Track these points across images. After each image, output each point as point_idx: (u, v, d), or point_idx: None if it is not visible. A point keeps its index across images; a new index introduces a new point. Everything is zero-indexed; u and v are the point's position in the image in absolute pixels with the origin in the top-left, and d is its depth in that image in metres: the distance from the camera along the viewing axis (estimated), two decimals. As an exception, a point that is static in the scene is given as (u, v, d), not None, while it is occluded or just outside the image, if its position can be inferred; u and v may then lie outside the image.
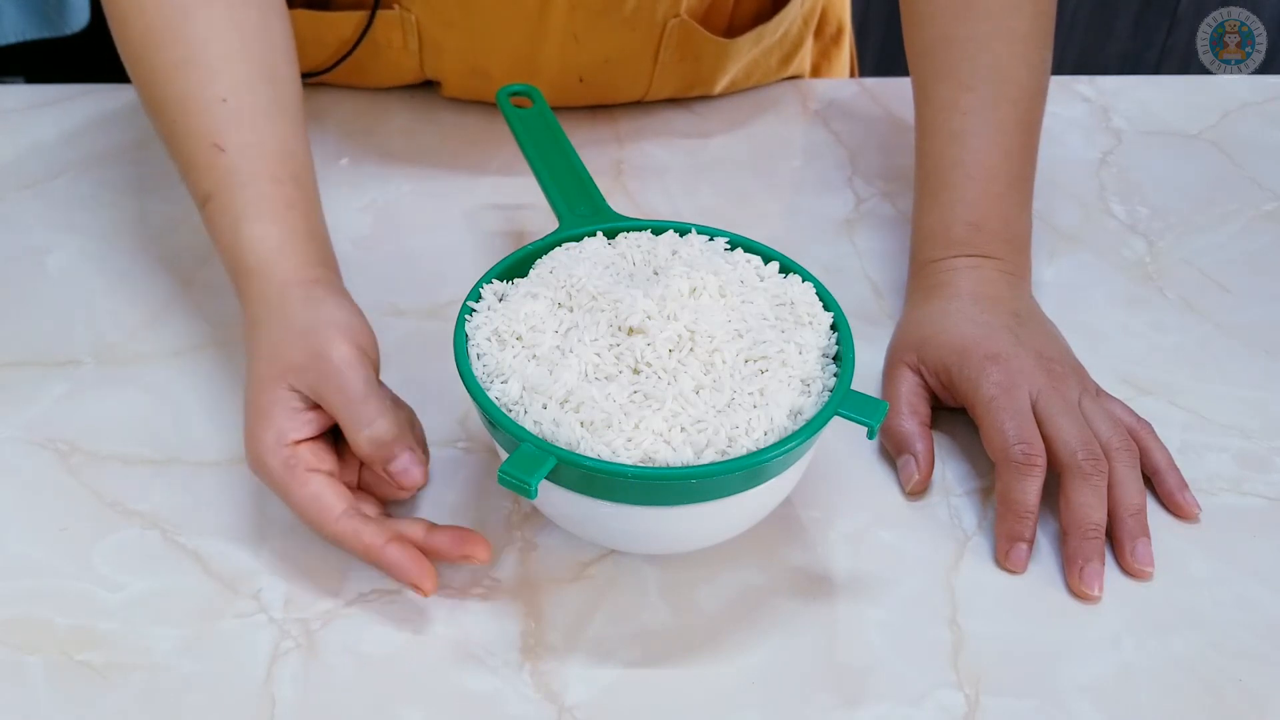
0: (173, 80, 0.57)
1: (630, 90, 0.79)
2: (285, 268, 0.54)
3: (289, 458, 0.50)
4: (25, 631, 0.49)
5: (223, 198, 0.55)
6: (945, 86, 0.64)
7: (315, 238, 0.56)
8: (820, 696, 0.48)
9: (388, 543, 0.49)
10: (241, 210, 0.55)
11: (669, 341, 0.48)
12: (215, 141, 0.55)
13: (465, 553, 0.50)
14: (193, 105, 0.56)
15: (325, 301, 0.53)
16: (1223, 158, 0.80)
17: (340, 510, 0.49)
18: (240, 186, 0.55)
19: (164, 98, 0.57)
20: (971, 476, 0.57)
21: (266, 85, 0.58)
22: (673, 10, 0.75)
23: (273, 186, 0.55)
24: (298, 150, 0.58)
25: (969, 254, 0.61)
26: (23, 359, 0.61)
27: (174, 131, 0.57)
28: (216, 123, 0.56)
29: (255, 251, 0.54)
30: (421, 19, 0.74)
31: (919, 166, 0.65)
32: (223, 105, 0.56)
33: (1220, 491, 0.57)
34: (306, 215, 0.56)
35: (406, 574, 0.49)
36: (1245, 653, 0.50)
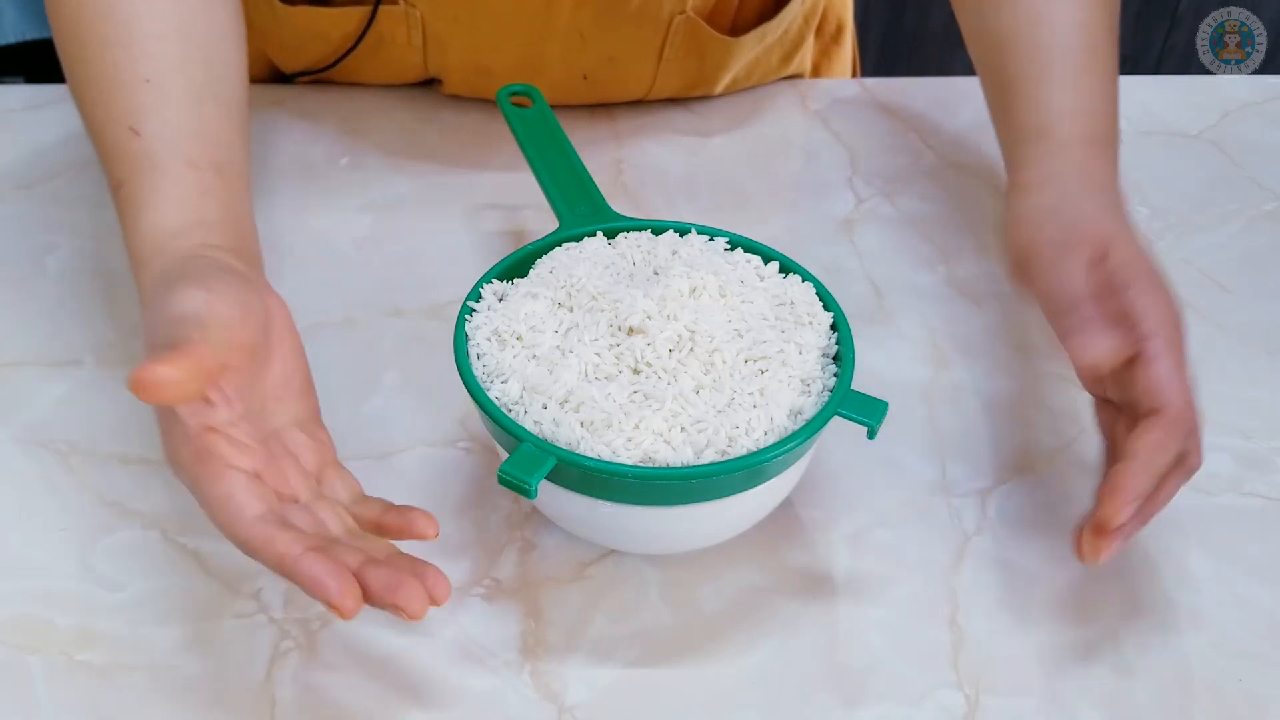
0: (100, 58, 0.52)
1: (633, 88, 0.79)
2: (181, 247, 0.48)
3: (203, 446, 0.43)
4: (25, 631, 0.49)
5: (131, 186, 0.50)
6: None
7: (230, 226, 0.51)
8: (820, 696, 0.48)
9: (304, 552, 0.41)
10: (145, 199, 0.50)
11: (669, 341, 0.48)
12: (131, 125, 0.51)
13: (397, 602, 0.41)
14: (114, 86, 0.52)
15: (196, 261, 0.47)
16: (1223, 158, 0.80)
17: (255, 513, 0.42)
18: (150, 171, 0.50)
19: (86, 77, 0.53)
20: (972, 476, 0.57)
21: (200, 67, 0.53)
22: (679, 7, 0.75)
23: (186, 171, 0.50)
24: (227, 138, 0.53)
25: (1105, 151, 0.59)
26: (22, 359, 0.61)
27: (93, 115, 0.53)
28: (136, 104, 0.51)
29: (151, 239, 0.49)
30: (426, 15, 0.74)
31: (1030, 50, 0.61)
32: (145, 86, 0.51)
33: (1220, 491, 0.57)
34: (224, 204, 0.51)
35: (321, 589, 0.40)
36: (1245, 653, 0.50)
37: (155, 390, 0.39)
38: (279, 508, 0.43)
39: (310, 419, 0.48)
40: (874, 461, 0.58)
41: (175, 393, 0.40)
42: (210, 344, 0.42)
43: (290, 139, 0.77)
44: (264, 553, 0.42)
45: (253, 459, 0.44)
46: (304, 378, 0.49)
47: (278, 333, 0.47)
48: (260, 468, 0.44)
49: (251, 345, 0.45)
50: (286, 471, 0.45)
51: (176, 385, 0.40)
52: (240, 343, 0.44)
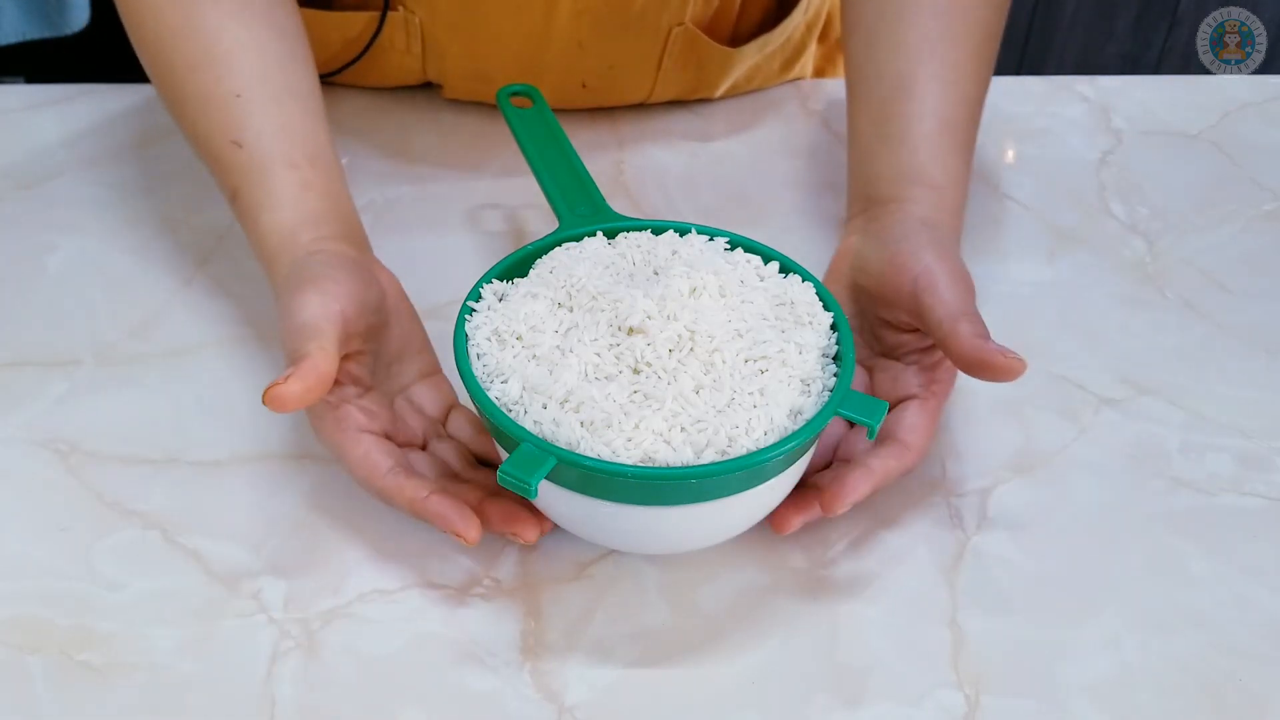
0: (189, 80, 0.58)
1: (632, 96, 0.79)
2: (300, 244, 0.55)
3: (340, 419, 0.51)
4: (25, 631, 0.49)
5: (245, 194, 0.57)
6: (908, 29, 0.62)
7: (334, 214, 0.57)
8: (820, 696, 0.48)
9: (430, 495, 0.49)
10: (260, 202, 0.56)
11: (669, 341, 0.48)
12: (234, 138, 0.57)
13: (513, 529, 0.50)
14: (210, 104, 0.58)
15: (314, 259, 0.54)
16: (1223, 158, 0.80)
17: (387, 467, 0.50)
18: (258, 180, 0.56)
19: (183, 98, 0.59)
20: (972, 476, 0.57)
21: (278, 73, 0.59)
22: (677, 18, 0.75)
23: (288, 172, 0.56)
24: (312, 130, 0.59)
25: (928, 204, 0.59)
26: (23, 359, 0.61)
27: (197, 131, 0.59)
28: (233, 119, 0.57)
29: (273, 239, 0.55)
30: (425, 22, 0.74)
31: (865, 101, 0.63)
32: (237, 101, 0.57)
33: (1220, 491, 0.57)
34: (324, 194, 0.57)
35: (448, 523, 0.49)
36: (1245, 653, 0.50)
37: (284, 404, 0.47)
38: (406, 459, 0.51)
39: (431, 370, 0.56)
40: (874, 461, 0.58)
41: (300, 403, 0.48)
42: (326, 351, 0.49)
43: (290, 139, 0.77)
44: (397, 499, 0.50)
45: (381, 422, 0.52)
46: (420, 337, 0.56)
47: (392, 303, 0.55)
48: (388, 428, 0.52)
49: (368, 328, 0.53)
50: (412, 424, 0.54)
51: (298, 399, 0.48)
52: (358, 332, 0.52)
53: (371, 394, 0.53)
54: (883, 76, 0.62)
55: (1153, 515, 0.56)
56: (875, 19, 0.64)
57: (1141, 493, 0.57)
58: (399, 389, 0.55)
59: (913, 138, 0.60)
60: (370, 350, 0.53)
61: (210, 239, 0.69)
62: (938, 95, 0.61)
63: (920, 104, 0.61)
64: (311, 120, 0.59)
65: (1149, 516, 0.56)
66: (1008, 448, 0.59)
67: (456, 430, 0.55)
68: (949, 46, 0.62)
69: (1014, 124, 0.83)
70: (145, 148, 0.76)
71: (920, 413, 0.54)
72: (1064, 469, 0.58)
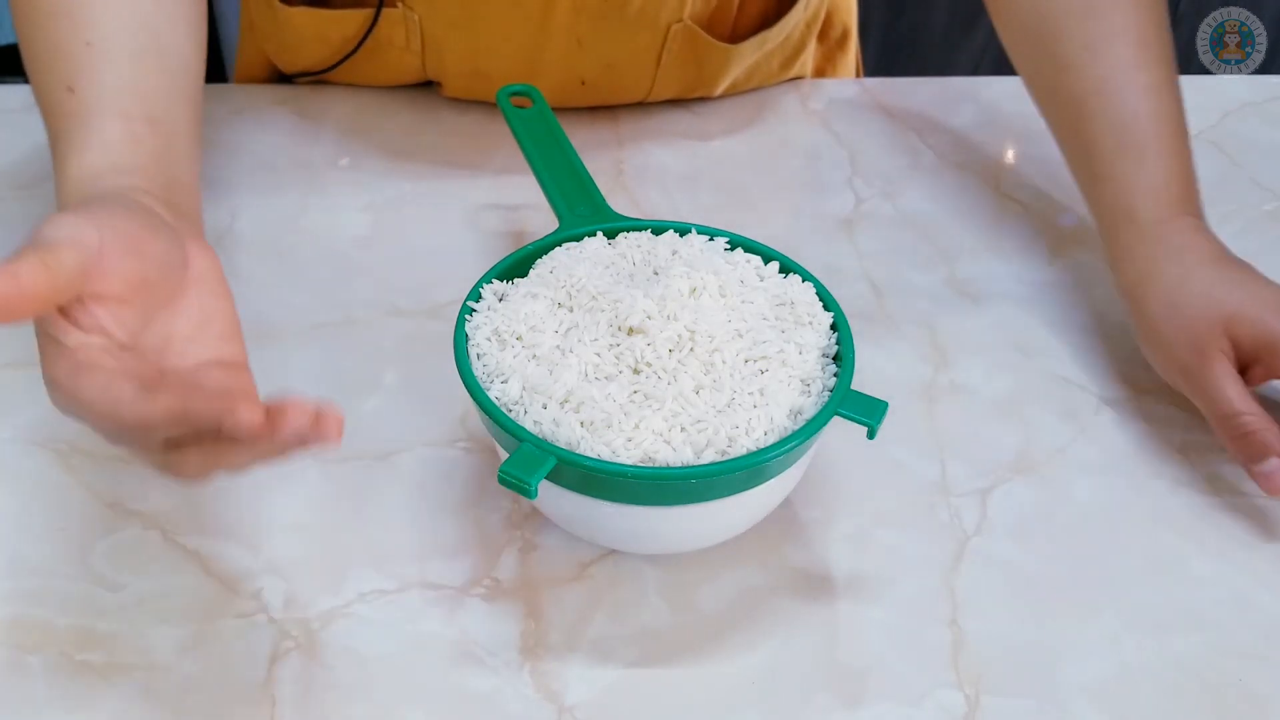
0: (45, 27, 0.52)
1: (632, 93, 0.79)
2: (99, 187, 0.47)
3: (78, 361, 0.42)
4: (25, 631, 0.49)
5: (63, 140, 0.49)
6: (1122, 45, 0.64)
7: (158, 174, 0.49)
8: (820, 696, 0.48)
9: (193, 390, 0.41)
10: (72, 146, 0.49)
11: (669, 341, 0.48)
12: (69, 84, 0.50)
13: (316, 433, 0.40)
14: (58, 52, 0.52)
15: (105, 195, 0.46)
16: (1223, 158, 0.80)
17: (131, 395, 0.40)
18: (80, 125, 0.49)
19: (35, 46, 0.53)
20: (971, 476, 0.57)
21: (145, 33, 0.53)
22: (676, 15, 0.75)
23: (119, 122, 0.49)
24: (166, 96, 0.52)
25: (1190, 214, 0.61)
26: (23, 359, 0.61)
27: (36, 80, 0.52)
28: (75, 66, 0.51)
29: (74, 181, 0.48)
30: (424, 19, 0.74)
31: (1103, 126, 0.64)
32: (86, 49, 0.51)
33: (1220, 492, 0.57)
34: (155, 156, 0.49)
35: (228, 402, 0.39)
36: (1245, 653, 0.50)
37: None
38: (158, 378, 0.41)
39: (234, 362, 0.46)
40: (874, 461, 0.58)
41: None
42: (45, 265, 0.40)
43: (290, 139, 0.77)
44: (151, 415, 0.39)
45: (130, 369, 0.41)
46: (228, 324, 0.47)
47: (196, 277, 0.46)
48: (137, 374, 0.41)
49: (143, 281, 0.43)
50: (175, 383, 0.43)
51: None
52: (121, 274, 0.42)
53: (129, 354, 0.43)
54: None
55: (1153, 515, 0.56)
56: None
57: (1141, 493, 0.57)
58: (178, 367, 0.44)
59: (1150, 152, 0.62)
60: (138, 306, 0.43)
61: (210, 238, 0.69)
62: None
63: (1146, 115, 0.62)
64: (168, 88, 0.52)
65: (1149, 516, 0.56)
66: (1008, 448, 0.59)
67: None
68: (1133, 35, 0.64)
69: (1014, 124, 0.83)
70: (145, 148, 0.76)
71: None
72: (1064, 469, 0.58)
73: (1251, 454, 0.54)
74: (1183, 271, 0.59)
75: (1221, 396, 0.55)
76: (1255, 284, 0.58)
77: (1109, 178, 0.63)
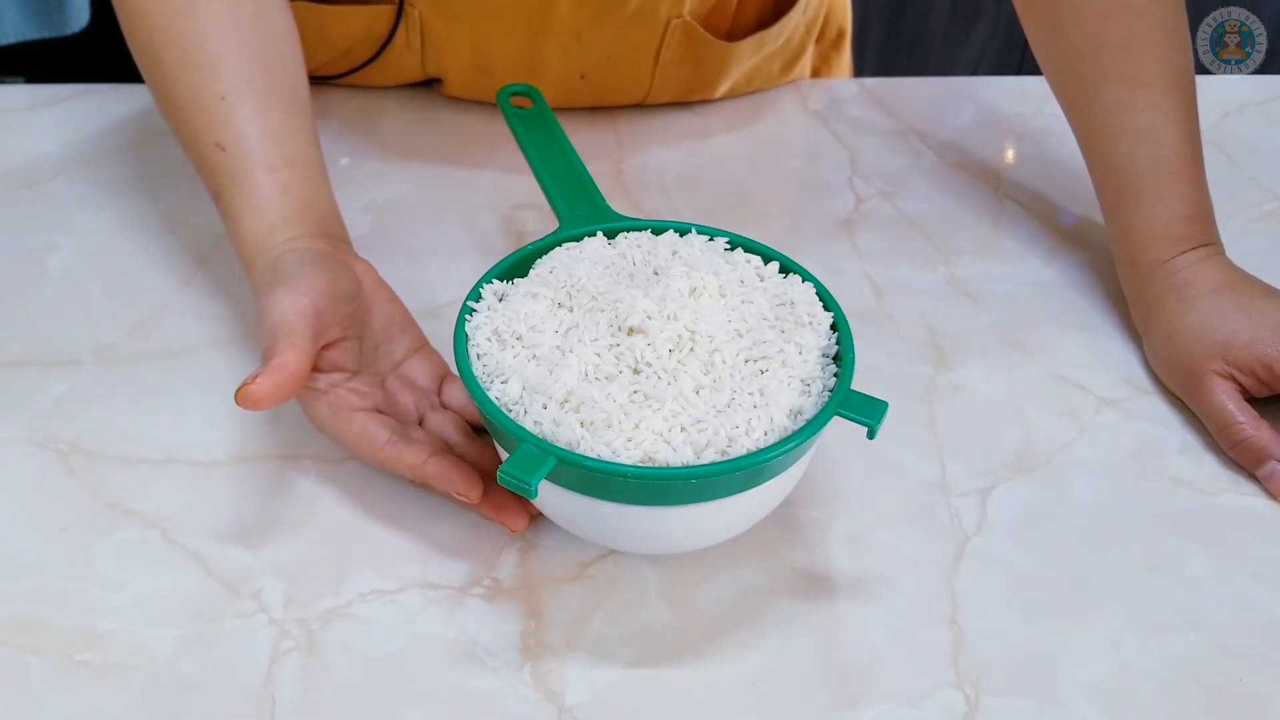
0: (177, 81, 0.59)
1: (631, 91, 0.79)
2: (274, 247, 0.56)
3: (333, 403, 0.52)
4: (25, 631, 0.49)
5: (226, 198, 0.58)
6: (1115, 87, 0.64)
7: (310, 213, 0.57)
8: (820, 696, 0.48)
9: (429, 458, 0.51)
10: (240, 207, 0.57)
11: (669, 341, 0.48)
12: (217, 141, 0.58)
13: (501, 518, 0.52)
14: (196, 106, 0.58)
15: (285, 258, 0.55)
16: (1223, 158, 0.80)
17: (385, 439, 0.52)
18: (238, 184, 0.57)
19: (172, 99, 0.60)
20: (972, 476, 0.57)
21: (264, 76, 0.59)
22: (675, 11, 0.75)
23: (267, 175, 0.57)
24: (294, 132, 0.59)
25: (1193, 246, 0.62)
26: (23, 359, 0.61)
27: (184, 133, 0.59)
28: (216, 121, 0.58)
29: (250, 244, 0.56)
30: (425, 14, 0.74)
31: (1103, 170, 0.66)
32: (221, 103, 0.58)
33: (1220, 491, 0.57)
34: (300, 195, 0.57)
35: (450, 483, 0.51)
36: (1245, 653, 0.50)
37: (256, 402, 0.48)
38: (403, 430, 0.53)
39: (420, 346, 0.58)
40: (874, 461, 0.58)
41: (272, 400, 0.48)
42: (297, 348, 0.50)
43: (290, 139, 0.77)
44: (398, 466, 0.52)
45: (374, 400, 0.54)
46: (404, 316, 0.58)
47: (369, 288, 0.56)
48: (381, 405, 0.54)
49: (347, 316, 0.54)
50: (405, 400, 0.55)
51: (269, 395, 0.48)
52: (334, 321, 0.53)
53: (360, 377, 0.54)
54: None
55: (1153, 515, 0.56)
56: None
57: (1141, 493, 0.57)
58: (390, 368, 0.56)
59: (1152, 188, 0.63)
60: (353, 336, 0.54)
61: (210, 239, 0.69)
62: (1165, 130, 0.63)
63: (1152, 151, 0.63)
64: (294, 122, 0.60)
65: (1149, 516, 0.56)
66: (1008, 448, 0.59)
67: (450, 398, 0.56)
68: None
69: (1014, 124, 0.83)
70: (145, 148, 0.76)
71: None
72: (1064, 469, 0.58)
73: (1250, 460, 0.57)
74: (1181, 306, 0.61)
75: (1215, 409, 0.58)
76: (1255, 309, 0.60)
77: (1112, 221, 0.66)
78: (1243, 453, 0.57)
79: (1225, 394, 0.58)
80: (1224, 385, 0.59)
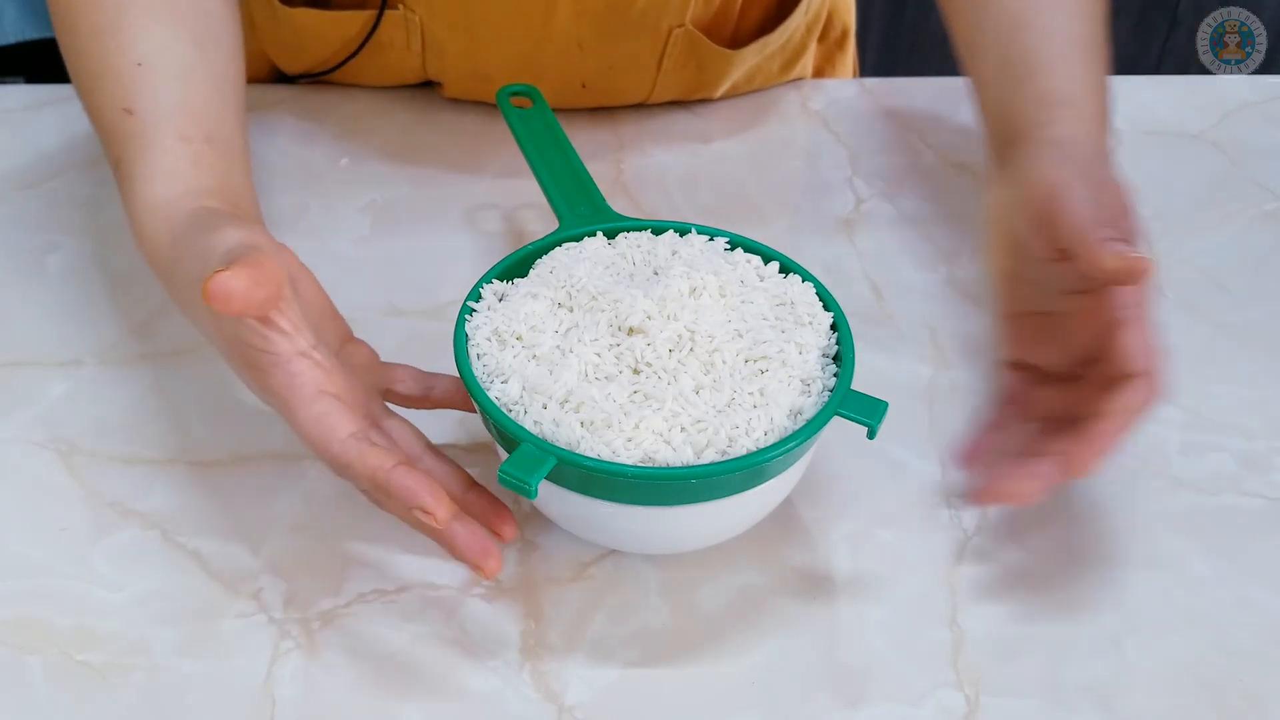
0: (91, 45, 0.54)
1: (632, 96, 0.79)
2: (182, 210, 0.50)
3: (292, 374, 0.46)
4: (25, 631, 0.49)
5: (126, 162, 0.52)
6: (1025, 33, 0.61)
7: (226, 191, 0.52)
8: (820, 696, 0.48)
9: (396, 465, 0.44)
10: (140, 171, 0.51)
11: (669, 341, 0.48)
12: (125, 106, 0.53)
13: (492, 526, 0.48)
14: (107, 71, 0.53)
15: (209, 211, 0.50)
16: (1223, 158, 0.80)
17: (347, 431, 0.45)
18: (143, 147, 0.52)
19: (81, 66, 0.55)
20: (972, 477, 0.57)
21: (189, 47, 0.55)
22: (677, 20, 0.75)
23: (179, 144, 0.52)
24: (218, 111, 0.54)
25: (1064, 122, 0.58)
26: (23, 359, 0.61)
27: (90, 100, 0.54)
28: (128, 87, 0.53)
29: (150, 209, 0.50)
30: (425, 20, 0.74)
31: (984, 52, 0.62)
32: (136, 69, 0.53)
33: (1220, 491, 0.57)
34: (218, 174, 0.52)
35: (414, 496, 0.43)
36: (1245, 653, 0.50)
37: (228, 299, 0.41)
38: (365, 428, 0.46)
39: (349, 336, 0.52)
40: (874, 461, 0.58)
41: (245, 302, 0.42)
42: (270, 259, 0.43)
43: (290, 139, 0.77)
44: (357, 466, 0.45)
45: (337, 385, 0.47)
46: (329, 304, 0.51)
47: (295, 268, 0.50)
48: (343, 394, 0.47)
49: (289, 278, 0.46)
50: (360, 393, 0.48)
51: (244, 294, 0.41)
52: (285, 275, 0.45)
53: (321, 349, 0.47)
54: (999, 19, 0.61)
55: (1153, 515, 0.56)
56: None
57: (1141, 493, 0.57)
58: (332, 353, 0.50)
59: (1039, 65, 0.58)
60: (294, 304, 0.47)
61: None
62: (1058, 20, 0.60)
63: (1040, 34, 0.59)
64: (219, 101, 0.55)
65: (1149, 516, 0.56)
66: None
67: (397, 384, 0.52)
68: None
69: (1014, 124, 0.83)
70: (145, 148, 0.76)
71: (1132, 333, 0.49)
72: (1064, 469, 0.58)
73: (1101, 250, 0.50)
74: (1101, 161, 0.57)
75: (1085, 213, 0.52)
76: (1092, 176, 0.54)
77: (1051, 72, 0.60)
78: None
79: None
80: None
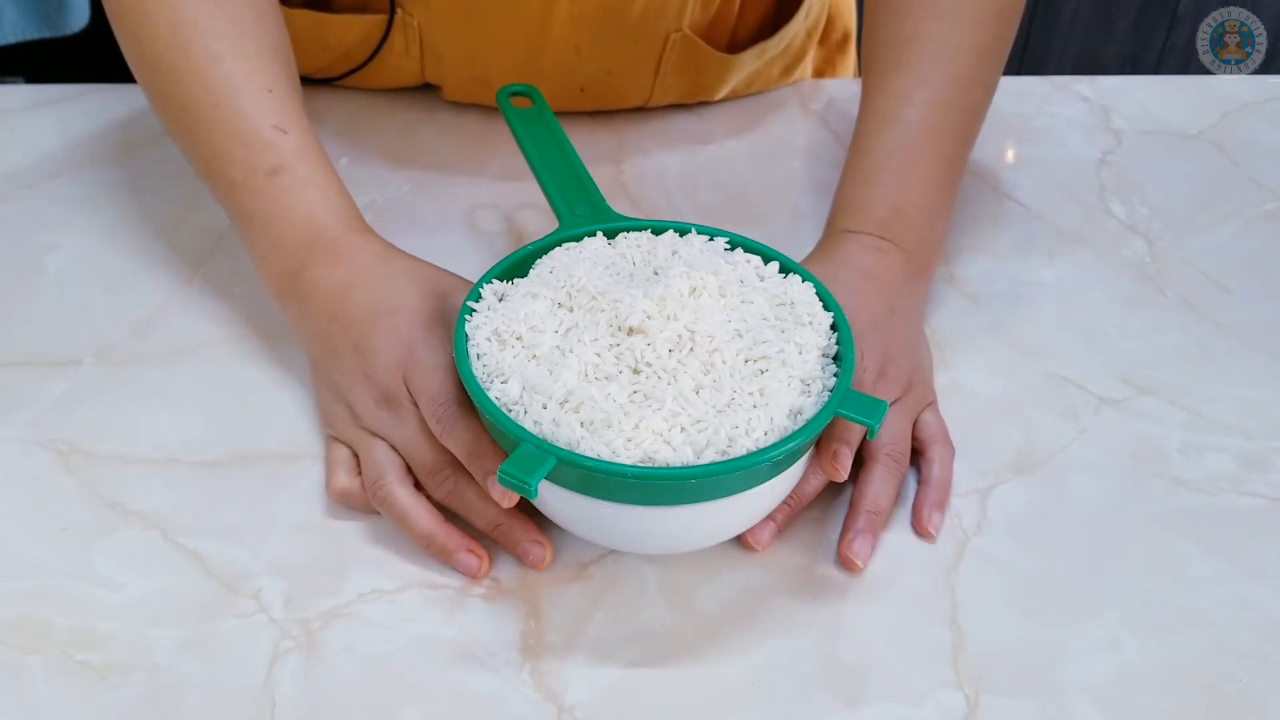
0: (212, 70, 0.59)
1: (631, 100, 0.79)
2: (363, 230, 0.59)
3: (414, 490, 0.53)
4: (25, 631, 0.49)
5: (289, 170, 0.58)
6: (905, 78, 0.64)
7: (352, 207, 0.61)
8: (820, 696, 0.48)
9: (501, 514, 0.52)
10: (313, 179, 0.59)
11: (669, 341, 0.48)
12: (276, 124, 0.59)
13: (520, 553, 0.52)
14: (243, 93, 0.59)
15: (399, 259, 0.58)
16: (1223, 158, 0.80)
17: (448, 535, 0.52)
18: (306, 159, 0.59)
19: (208, 84, 0.59)
20: (971, 476, 0.57)
21: (284, 73, 0.61)
22: (675, 25, 0.74)
23: (329, 168, 0.60)
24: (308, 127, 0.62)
25: (882, 235, 0.61)
26: (23, 359, 0.61)
27: (222, 116, 0.59)
28: (272, 107, 0.59)
29: (331, 214, 0.58)
30: (424, 25, 0.74)
31: (857, 145, 0.65)
32: (270, 95, 0.59)
33: (1220, 491, 0.57)
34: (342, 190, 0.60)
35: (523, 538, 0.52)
36: (1245, 653, 0.50)
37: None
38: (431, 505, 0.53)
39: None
40: (874, 461, 0.58)
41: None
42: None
43: (290, 139, 0.77)
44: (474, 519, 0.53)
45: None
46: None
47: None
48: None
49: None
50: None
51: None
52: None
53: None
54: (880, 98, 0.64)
55: (1153, 515, 0.56)
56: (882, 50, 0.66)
57: (1141, 493, 0.57)
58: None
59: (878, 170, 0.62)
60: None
61: (210, 239, 0.69)
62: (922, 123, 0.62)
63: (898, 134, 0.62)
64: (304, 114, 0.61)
65: (1149, 516, 0.56)
66: (1008, 448, 0.59)
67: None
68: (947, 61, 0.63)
69: (1014, 124, 0.83)
70: (145, 148, 0.76)
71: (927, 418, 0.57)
72: (1064, 469, 0.58)
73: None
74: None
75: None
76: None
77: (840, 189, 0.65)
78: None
79: None
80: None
